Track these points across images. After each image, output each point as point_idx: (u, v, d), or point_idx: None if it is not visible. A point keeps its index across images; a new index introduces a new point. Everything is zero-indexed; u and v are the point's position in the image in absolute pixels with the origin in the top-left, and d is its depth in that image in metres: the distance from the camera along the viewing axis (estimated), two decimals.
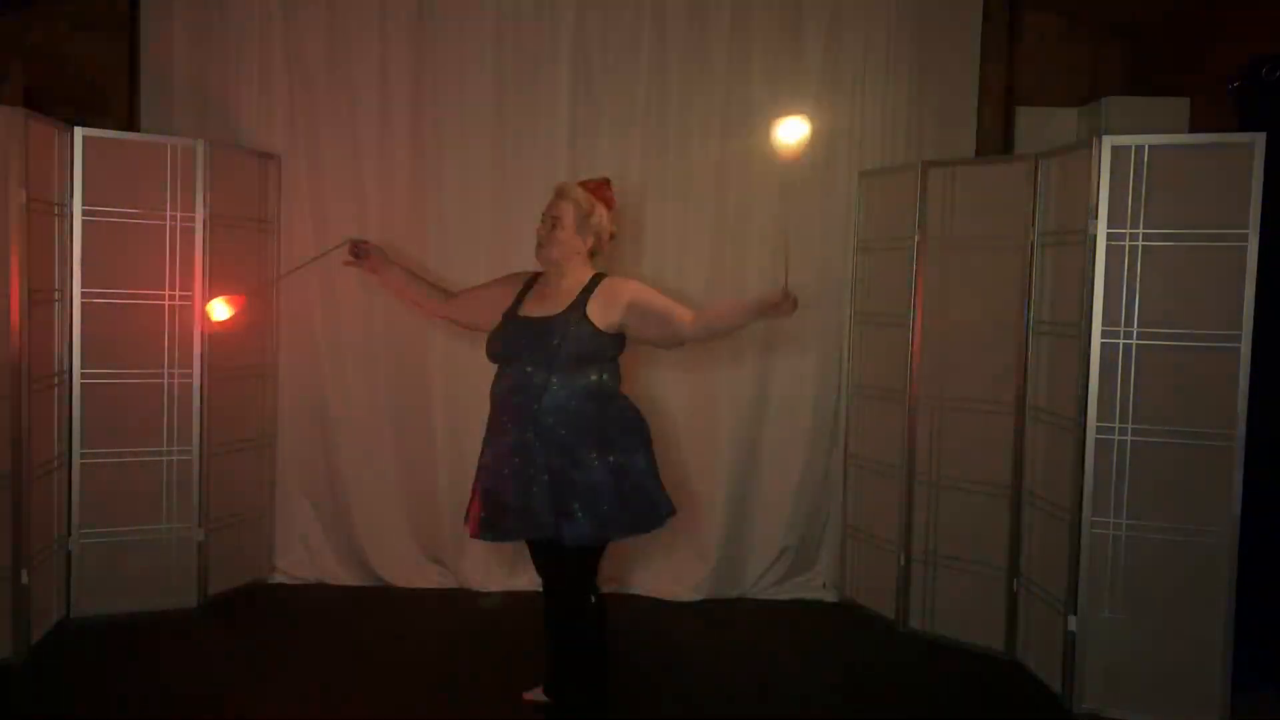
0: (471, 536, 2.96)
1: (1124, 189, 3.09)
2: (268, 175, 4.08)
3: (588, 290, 2.87)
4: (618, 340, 2.88)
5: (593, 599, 2.90)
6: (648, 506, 2.87)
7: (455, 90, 4.06)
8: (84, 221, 3.58)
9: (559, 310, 2.86)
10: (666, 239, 4.09)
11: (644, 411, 2.94)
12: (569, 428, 2.77)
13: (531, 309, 2.92)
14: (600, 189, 2.98)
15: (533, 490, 2.76)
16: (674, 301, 2.83)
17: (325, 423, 4.17)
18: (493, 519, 2.83)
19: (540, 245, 2.95)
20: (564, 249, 2.91)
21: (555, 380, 2.77)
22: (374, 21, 4.05)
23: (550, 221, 2.92)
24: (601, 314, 2.83)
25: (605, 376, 2.84)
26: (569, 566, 2.87)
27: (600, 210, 2.94)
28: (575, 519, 2.76)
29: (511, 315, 2.95)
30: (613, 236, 3.00)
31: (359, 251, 3.11)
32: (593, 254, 2.96)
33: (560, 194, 2.95)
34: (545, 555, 2.91)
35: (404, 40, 4.05)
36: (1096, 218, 3.12)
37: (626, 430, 2.87)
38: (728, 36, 4.03)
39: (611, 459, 2.79)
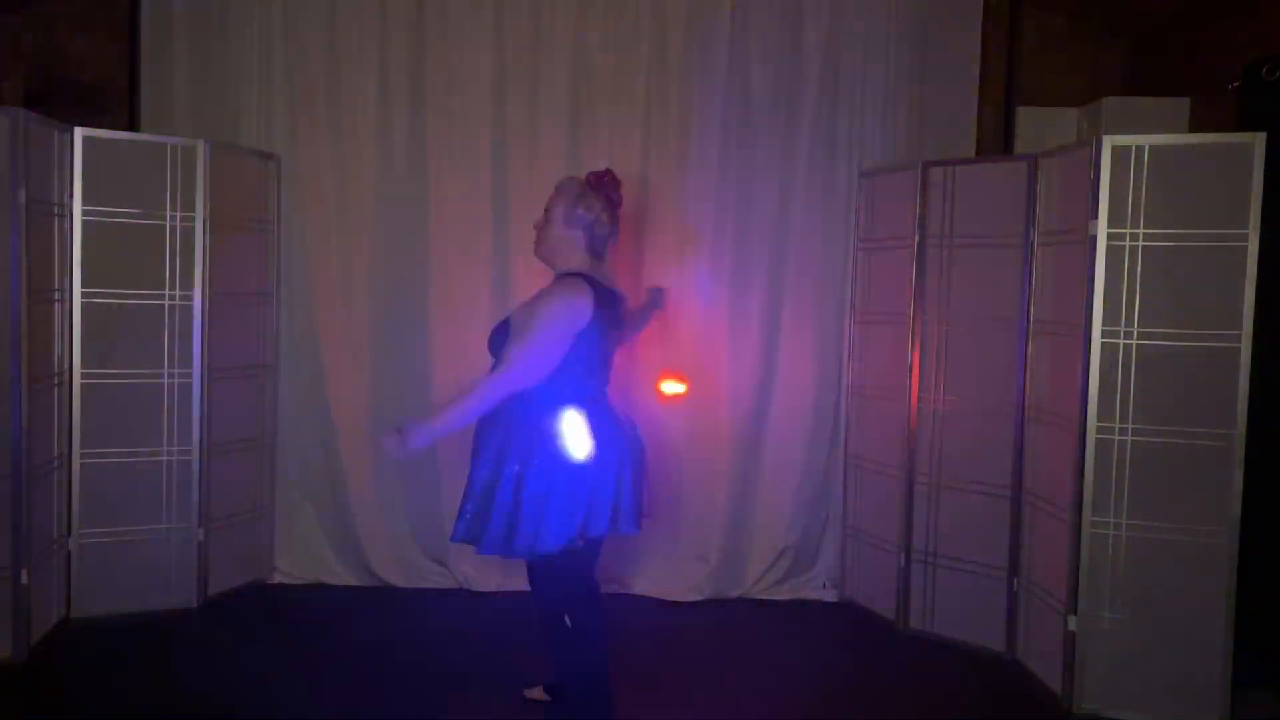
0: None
1: (1124, 189, 3.09)
2: (268, 175, 4.08)
3: (547, 288, 2.80)
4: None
5: (566, 621, 2.80)
6: (504, 530, 2.69)
7: (455, 90, 4.05)
8: (84, 221, 3.58)
9: (515, 310, 2.83)
10: (667, 238, 4.09)
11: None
12: (486, 423, 2.74)
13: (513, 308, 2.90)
14: (600, 179, 2.90)
15: (465, 496, 2.76)
16: (518, 347, 2.67)
17: (325, 423, 4.16)
18: (456, 527, 2.80)
19: (535, 241, 2.92)
20: (552, 242, 2.85)
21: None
22: (374, 21, 4.05)
23: (543, 215, 2.88)
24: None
25: (553, 382, 2.75)
26: (534, 579, 2.87)
27: (591, 200, 2.83)
28: (480, 530, 2.69)
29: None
30: (611, 230, 2.91)
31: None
32: (592, 250, 2.87)
33: (555, 188, 2.92)
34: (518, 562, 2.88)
35: (404, 40, 4.05)
36: (1096, 218, 3.12)
37: (532, 445, 2.69)
38: (728, 36, 4.03)
39: (504, 469, 2.68)
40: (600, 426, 2.74)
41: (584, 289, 2.73)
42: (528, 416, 2.70)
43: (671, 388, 3.74)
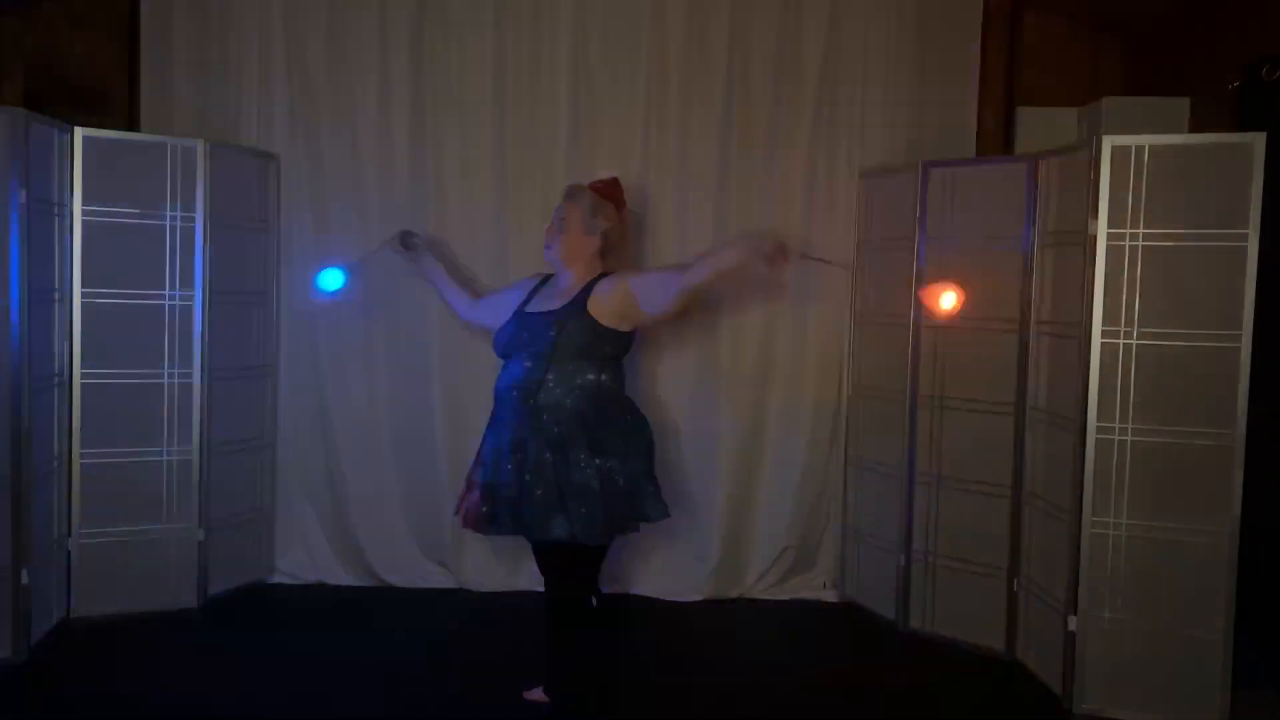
0: (465, 527, 2.98)
1: (1124, 189, 3.09)
2: (268, 175, 4.08)
3: (589, 287, 2.88)
4: (620, 338, 2.88)
5: (592, 601, 2.90)
6: (630, 512, 2.87)
7: (455, 89, 4.05)
8: (84, 221, 3.58)
9: (560, 305, 2.87)
10: (667, 236, 4.09)
11: (645, 411, 2.95)
12: (564, 426, 2.78)
13: (536, 306, 2.95)
14: (610, 188, 3.03)
15: (526, 487, 2.78)
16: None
17: (325, 423, 4.16)
18: (492, 513, 2.85)
19: (548, 247, 2.98)
20: (571, 250, 2.95)
21: (551, 377, 2.79)
22: (374, 21, 4.05)
23: (558, 223, 2.96)
24: (602, 308, 2.84)
25: (605, 376, 2.85)
26: (556, 565, 2.88)
27: (608, 210, 2.98)
28: (561, 519, 2.76)
29: (519, 311, 2.98)
30: (623, 236, 3.03)
31: (408, 243, 3.54)
32: (604, 254, 2.98)
33: (569, 195, 3.00)
34: (541, 553, 2.92)
35: (404, 40, 4.05)
36: (1096, 218, 3.12)
37: (623, 434, 2.86)
38: (728, 35, 4.03)
39: (599, 461, 2.79)
40: (643, 424, 2.96)
41: None
42: (620, 412, 2.89)
43: (947, 300, 3.29)
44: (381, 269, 4.09)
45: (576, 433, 2.79)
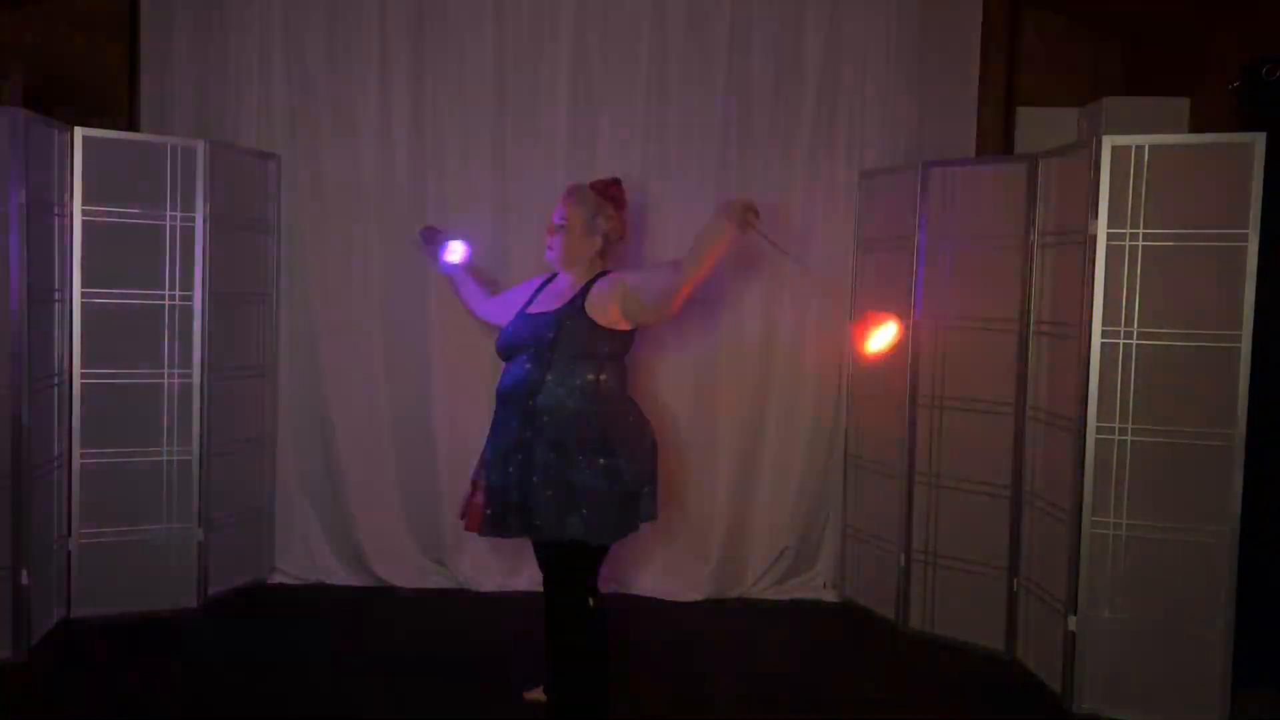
0: (470, 531, 2.98)
1: (1124, 189, 3.09)
2: (268, 175, 4.08)
3: (587, 287, 2.89)
4: (618, 337, 2.88)
5: (590, 602, 2.89)
6: (632, 513, 2.88)
7: (455, 89, 4.05)
8: (84, 221, 3.58)
9: (558, 306, 2.88)
10: (668, 236, 4.09)
11: (646, 410, 2.95)
12: (563, 426, 2.78)
13: (537, 306, 2.96)
14: (610, 188, 3.03)
15: (531, 488, 2.77)
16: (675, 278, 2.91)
17: (325, 423, 4.16)
18: (496, 515, 2.85)
19: (549, 248, 2.99)
20: (571, 251, 2.96)
21: (551, 377, 2.78)
22: (374, 21, 4.05)
23: (559, 224, 2.96)
24: (600, 307, 2.84)
25: (605, 376, 2.85)
26: (560, 566, 2.88)
27: (609, 210, 2.98)
28: (574, 519, 2.76)
29: (520, 311, 2.99)
30: (623, 237, 3.04)
31: (429, 237, 3.66)
32: (604, 254, 2.99)
33: (568, 196, 3.00)
34: (546, 554, 2.92)
35: (404, 40, 4.05)
36: (1096, 218, 3.12)
37: (624, 434, 2.86)
38: (727, 35, 4.03)
39: (603, 462, 2.79)
40: (645, 424, 2.95)
41: None
42: (621, 413, 2.89)
43: (879, 338, 3.21)
44: (382, 268, 4.11)
45: (579, 433, 2.79)
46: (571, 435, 2.78)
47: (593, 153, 4.04)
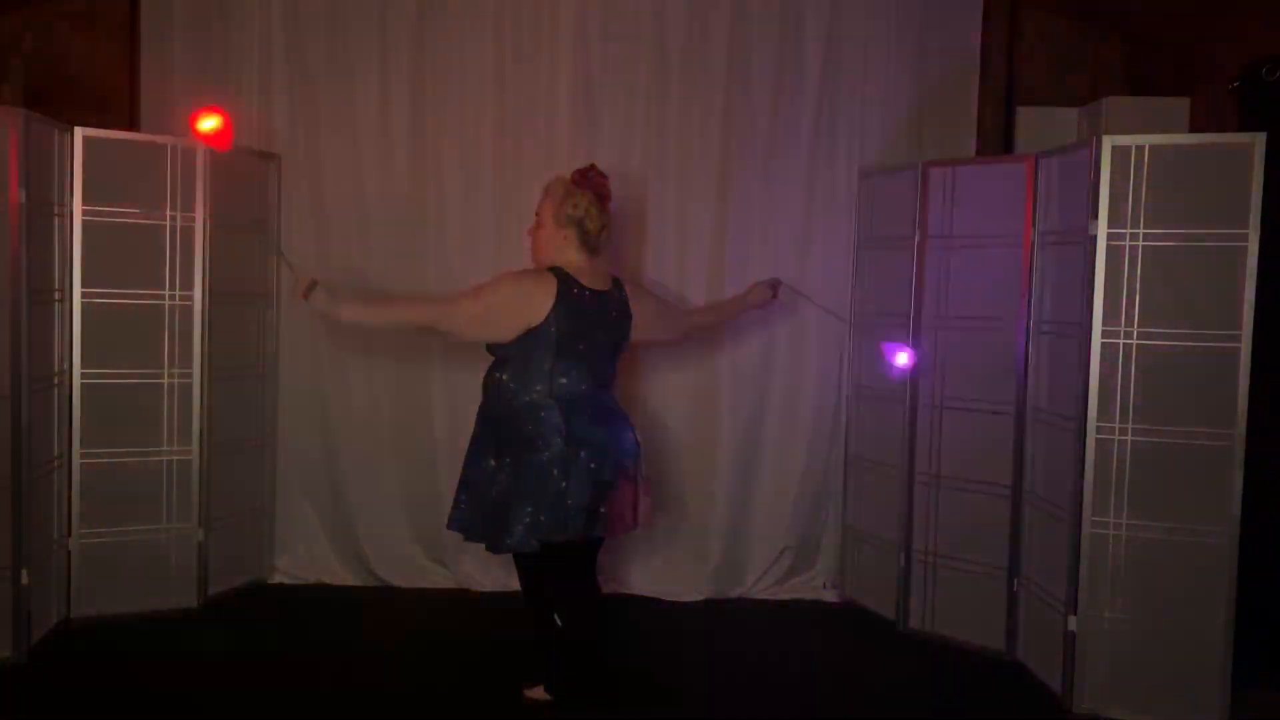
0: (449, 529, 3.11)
1: (1124, 189, 3.09)
2: (268, 175, 4.08)
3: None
4: (513, 341, 2.87)
5: (556, 619, 2.90)
6: (499, 526, 2.81)
7: (455, 89, 4.05)
8: (84, 221, 3.57)
9: None
10: (668, 238, 4.09)
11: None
12: (488, 416, 2.94)
13: None
14: (585, 176, 2.97)
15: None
16: (462, 290, 3.04)
17: (325, 423, 4.16)
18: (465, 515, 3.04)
19: (529, 247, 3.02)
20: (544, 244, 2.95)
21: (496, 374, 2.93)
22: (374, 21, 4.05)
23: (534, 220, 2.97)
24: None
25: (504, 377, 2.87)
26: (521, 569, 3.01)
27: (580, 198, 2.92)
28: (455, 508, 2.96)
29: None
30: (606, 226, 2.99)
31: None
32: (585, 246, 2.95)
33: (543, 189, 2.99)
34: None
35: (404, 40, 4.05)
36: (1096, 218, 3.12)
37: (517, 438, 2.84)
38: (727, 35, 4.03)
39: (493, 463, 2.84)
40: (576, 427, 2.80)
41: (545, 279, 2.87)
42: (509, 412, 2.85)
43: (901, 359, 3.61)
44: (382, 269, 4.10)
45: (483, 430, 2.94)
46: (481, 432, 3.01)
47: (593, 153, 4.02)
